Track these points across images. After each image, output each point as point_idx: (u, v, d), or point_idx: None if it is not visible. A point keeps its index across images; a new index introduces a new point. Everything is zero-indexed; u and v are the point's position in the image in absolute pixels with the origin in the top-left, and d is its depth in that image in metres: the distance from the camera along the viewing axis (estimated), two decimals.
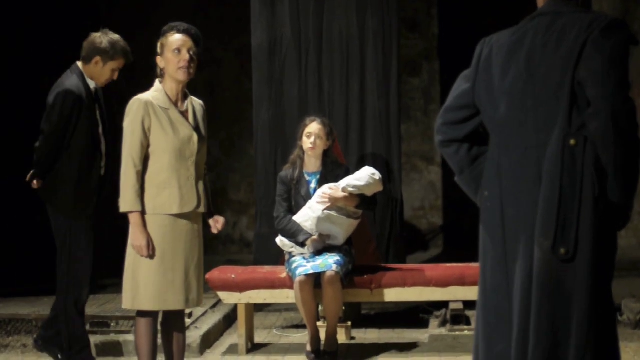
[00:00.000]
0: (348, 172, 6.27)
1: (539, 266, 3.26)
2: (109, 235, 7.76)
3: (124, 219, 4.79)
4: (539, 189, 3.29)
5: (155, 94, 4.83)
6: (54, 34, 10.23)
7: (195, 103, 4.97)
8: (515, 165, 3.37)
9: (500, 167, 3.42)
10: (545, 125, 3.29)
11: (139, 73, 10.35)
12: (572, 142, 3.23)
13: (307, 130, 6.22)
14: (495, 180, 3.43)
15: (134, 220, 4.72)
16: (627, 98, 3.19)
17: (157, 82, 4.88)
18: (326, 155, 6.27)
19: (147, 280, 4.73)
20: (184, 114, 4.86)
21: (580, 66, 3.23)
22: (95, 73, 5.66)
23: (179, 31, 4.87)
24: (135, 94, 4.90)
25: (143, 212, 4.72)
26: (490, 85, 3.45)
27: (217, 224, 5.04)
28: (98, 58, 5.62)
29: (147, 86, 5.11)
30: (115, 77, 5.73)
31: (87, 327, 6.63)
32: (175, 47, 4.81)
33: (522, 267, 3.31)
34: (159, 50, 4.87)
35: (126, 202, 4.71)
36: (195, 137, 4.83)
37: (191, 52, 4.82)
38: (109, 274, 8.62)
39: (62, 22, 10.39)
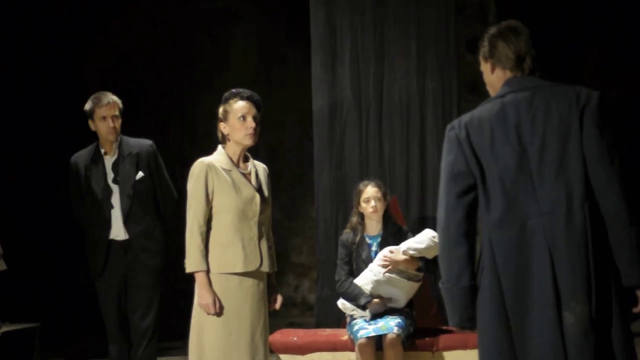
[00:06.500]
0: (408, 234, 6.27)
1: (574, 332, 3.24)
2: (172, 299, 7.80)
3: (186, 282, 4.83)
4: (548, 257, 3.28)
5: (217, 157, 4.94)
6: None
7: (259, 166, 5.06)
8: (513, 238, 3.34)
9: (492, 243, 3.38)
10: (545, 197, 3.30)
11: (202, 136, 10.48)
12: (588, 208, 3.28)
13: (365, 195, 6.24)
14: (488, 255, 3.38)
15: (199, 279, 4.77)
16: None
17: (219, 147, 4.97)
18: (386, 217, 6.28)
19: (212, 341, 4.76)
20: (246, 175, 4.94)
21: (584, 138, 3.28)
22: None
23: (242, 98, 4.97)
24: (198, 156, 5.00)
25: (208, 271, 4.78)
26: (476, 166, 3.41)
27: (275, 302, 5.13)
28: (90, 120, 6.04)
29: (209, 149, 5.20)
30: (112, 124, 6.00)
31: None
32: (240, 114, 4.91)
33: (545, 338, 3.27)
34: (221, 116, 4.97)
35: (192, 262, 4.78)
36: (257, 197, 4.89)
37: (256, 119, 4.92)
38: (172, 337, 8.67)
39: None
